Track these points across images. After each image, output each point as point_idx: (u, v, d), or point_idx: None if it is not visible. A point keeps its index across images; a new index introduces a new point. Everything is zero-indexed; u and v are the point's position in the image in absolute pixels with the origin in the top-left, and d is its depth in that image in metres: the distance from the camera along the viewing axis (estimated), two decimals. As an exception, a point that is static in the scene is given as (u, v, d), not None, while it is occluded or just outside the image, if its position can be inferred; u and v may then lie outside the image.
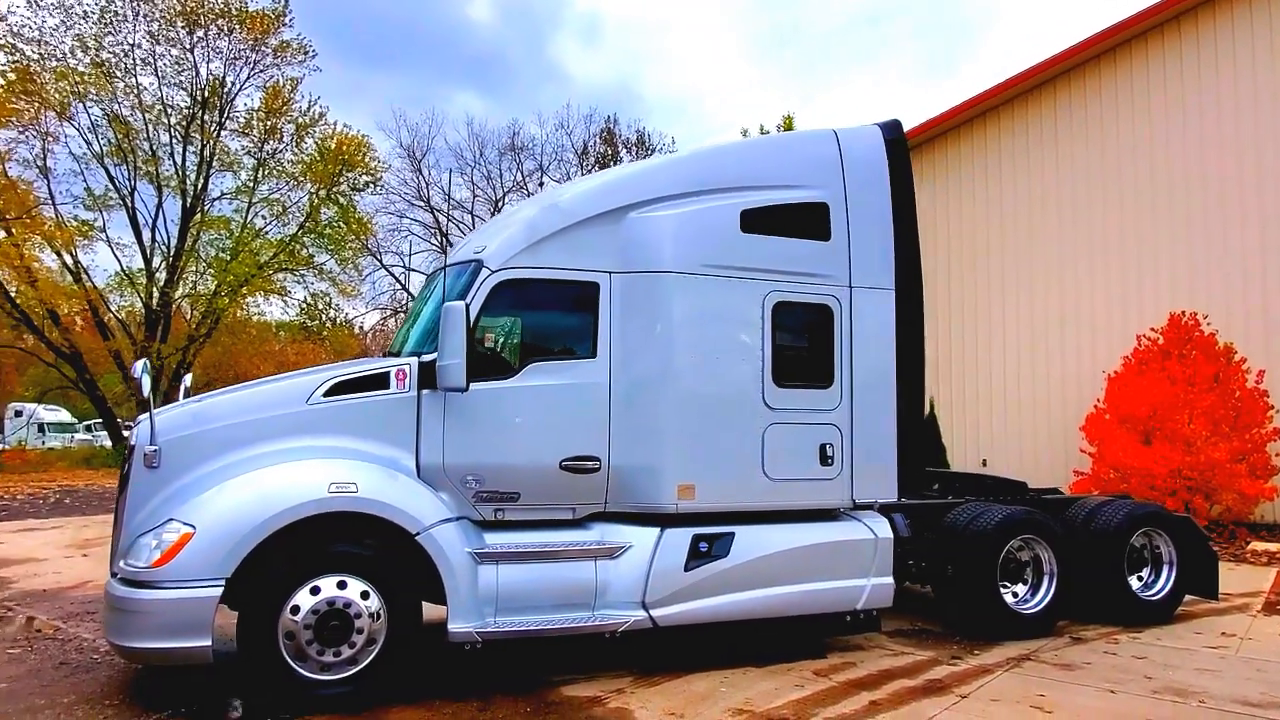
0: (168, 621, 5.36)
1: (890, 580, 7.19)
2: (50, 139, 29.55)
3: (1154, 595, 8.31)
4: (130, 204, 31.19)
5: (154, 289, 31.80)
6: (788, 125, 17.14)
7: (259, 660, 5.52)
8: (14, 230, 27.52)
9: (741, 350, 6.81)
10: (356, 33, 61.46)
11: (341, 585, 5.71)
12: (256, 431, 5.98)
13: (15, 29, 28.28)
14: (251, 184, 33.31)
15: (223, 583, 5.42)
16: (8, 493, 21.42)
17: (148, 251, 31.83)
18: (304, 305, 37.30)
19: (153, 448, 5.81)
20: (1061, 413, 14.65)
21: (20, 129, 28.52)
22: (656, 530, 6.51)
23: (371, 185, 35.02)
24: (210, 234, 33.03)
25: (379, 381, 6.19)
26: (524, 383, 6.38)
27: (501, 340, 6.70)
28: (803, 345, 7.08)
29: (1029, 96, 15.44)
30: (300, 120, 33.31)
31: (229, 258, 32.29)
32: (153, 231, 31.85)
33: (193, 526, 5.48)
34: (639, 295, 6.62)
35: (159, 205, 31.76)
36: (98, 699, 5.83)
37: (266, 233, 33.93)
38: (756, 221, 6.96)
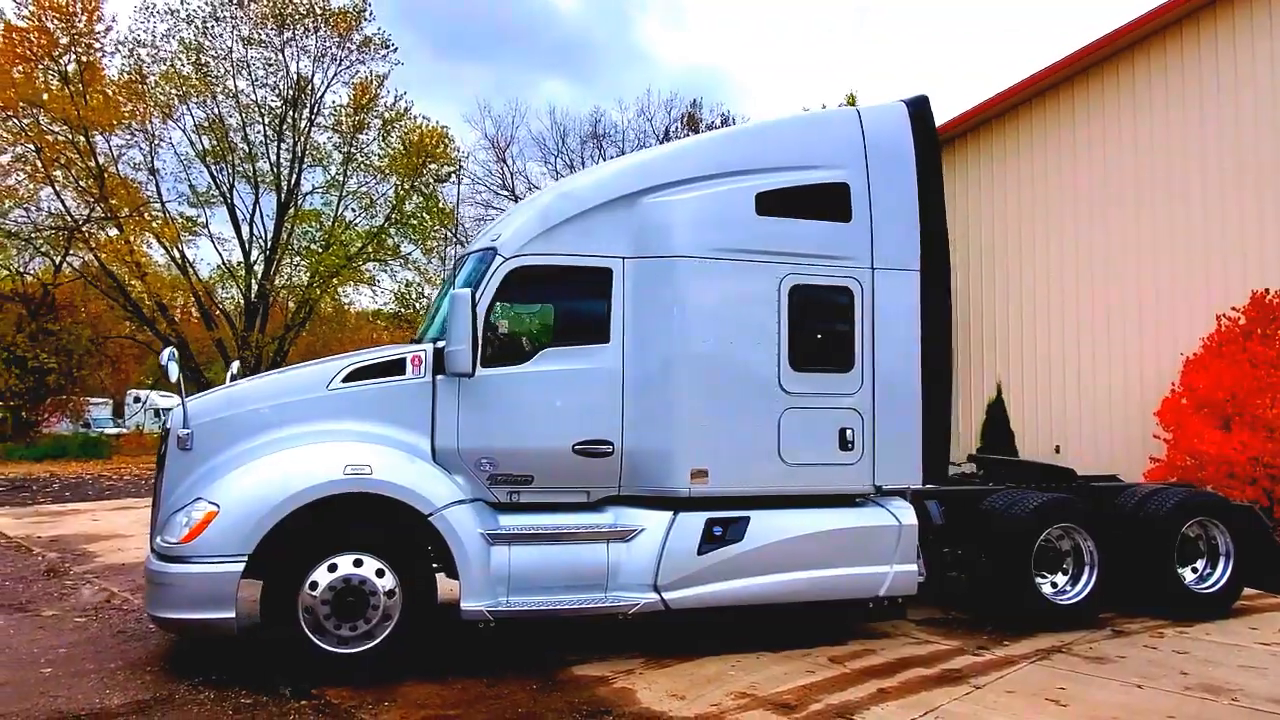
0: (195, 594, 5.71)
1: (914, 568, 7.05)
2: (157, 141, 31.28)
3: (1208, 588, 7.91)
4: (230, 200, 32.75)
5: (252, 281, 33.33)
6: (850, 103, 16.75)
7: (280, 632, 5.82)
8: (125, 227, 29.29)
9: (756, 334, 6.76)
10: (446, 24, 62.55)
11: (358, 563, 5.95)
12: (281, 416, 6.27)
13: (129, 33, 30.00)
14: (341, 178, 34.50)
15: (245, 558, 5.73)
16: (117, 474, 22.90)
17: (246, 245, 33.37)
18: (396, 294, 38.44)
19: (185, 431, 6.17)
20: (1140, 397, 13.95)
21: (130, 133, 30.27)
22: (669, 514, 6.55)
23: (452, 176, 35.78)
24: (303, 227, 34.39)
25: (395, 367, 6.41)
26: (537, 368, 6.50)
27: (515, 326, 6.84)
28: (821, 328, 6.98)
29: (1104, 66, 14.67)
30: (386, 114, 34.31)
31: (321, 249, 33.58)
32: (250, 226, 33.37)
33: (217, 505, 5.80)
34: (651, 280, 6.65)
35: (256, 201, 33.26)
36: (139, 665, 6.24)
37: (355, 225, 35.12)
38: (772, 204, 6.89)
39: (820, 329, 6.97)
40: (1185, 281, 13.52)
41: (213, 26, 30.46)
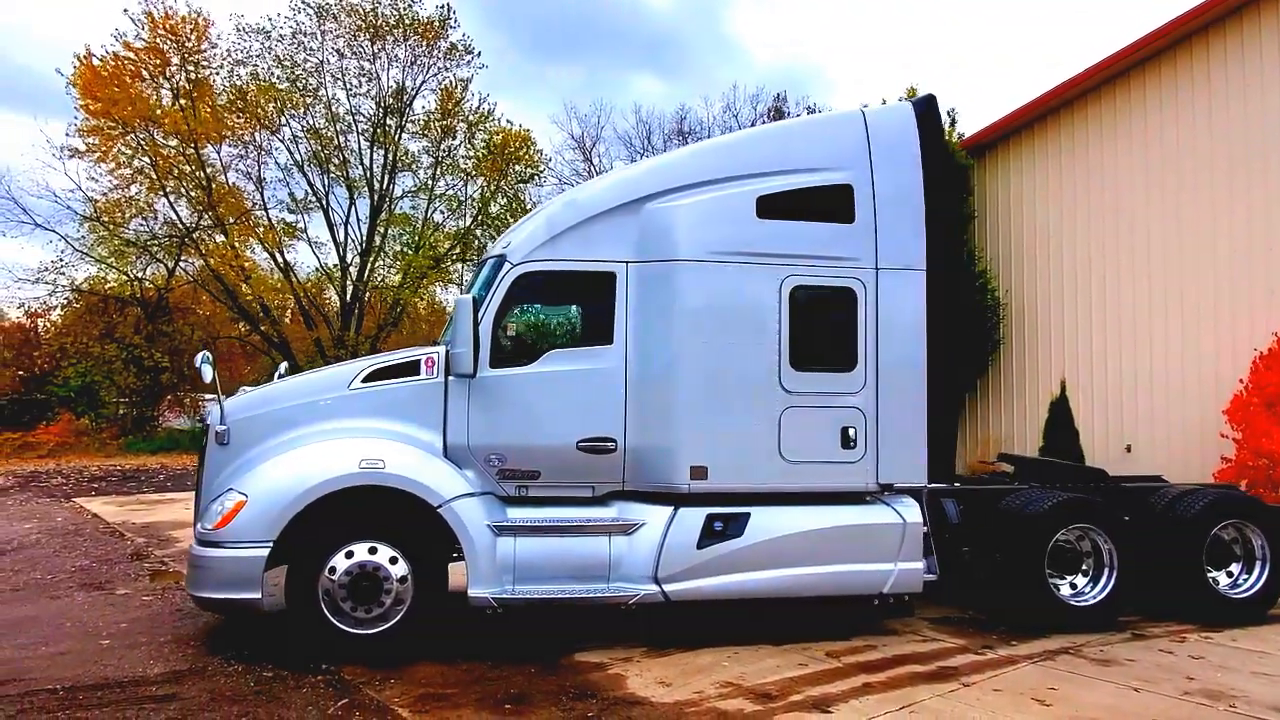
0: (225, 576, 6.26)
1: (919, 566, 7.09)
2: (262, 152, 33.07)
3: (1242, 593, 7.67)
4: (326, 206, 34.32)
5: (348, 282, 34.87)
6: (910, 95, 16.45)
7: (302, 613, 6.32)
8: (230, 233, 31.13)
9: (756, 334, 6.92)
10: (535, 25, 63.48)
11: (373, 551, 6.41)
12: (307, 413, 6.79)
13: (227, 52, 31.79)
14: (430, 181, 35.73)
15: (270, 544, 6.25)
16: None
17: (341, 249, 34.89)
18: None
19: (222, 427, 6.75)
20: (1214, 394, 13.37)
21: (239, 145, 32.11)
22: (670, 509, 6.79)
23: (535, 177, 36.57)
24: (395, 230, 35.77)
25: (410, 369, 6.85)
26: (543, 368, 6.83)
27: (523, 328, 7.17)
28: (823, 328, 7.08)
29: (1176, 50, 14.06)
30: (471, 118, 35.34)
31: (411, 251, 34.87)
32: (345, 230, 34.86)
33: (246, 495, 6.35)
34: (653, 283, 6.90)
35: (350, 205, 34.74)
36: (185, 640, 6.87)
37: (444, 226, 36.32)
38: (774, 207, 7.03)
39: (822, 329, 7.08)
40: (1261, 272, 12.90)
41: (305, 41, 31.94)
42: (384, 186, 34.88)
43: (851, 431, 7.04)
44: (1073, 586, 7.52)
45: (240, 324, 34.80)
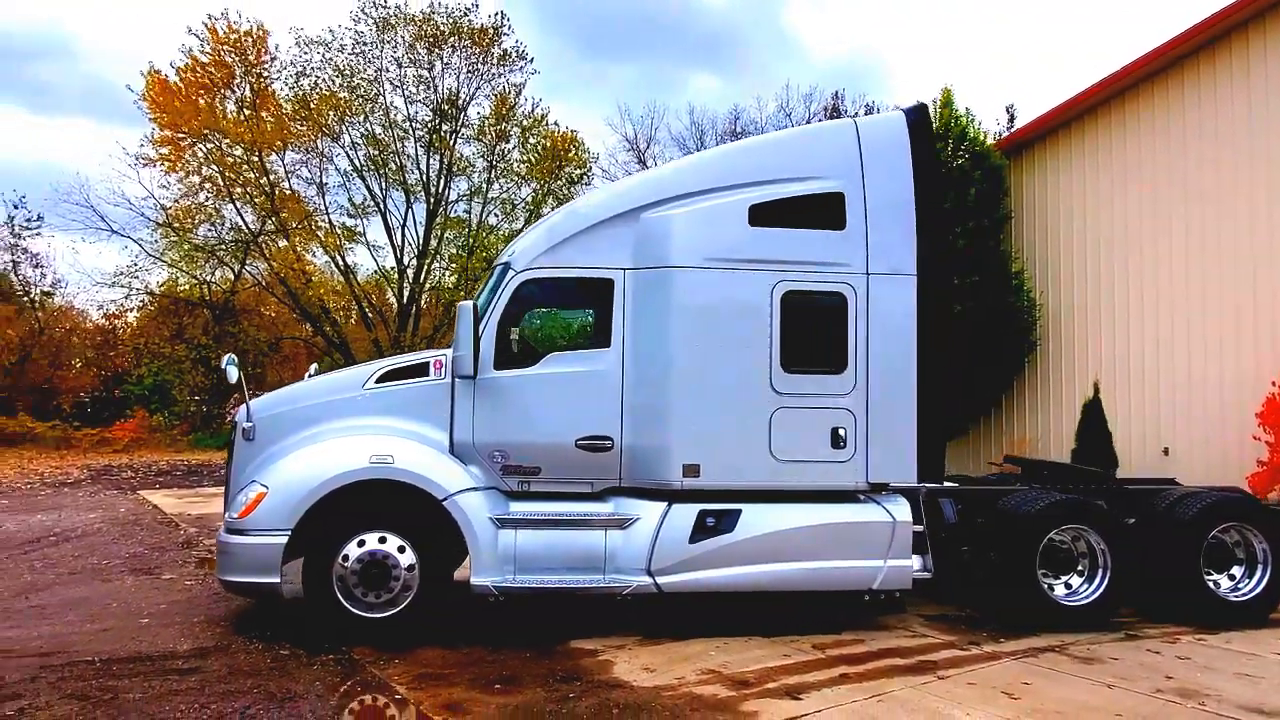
0: (247, 561, 6.78)
1: (909, 563, 7.28)
2: (324, 158, 34.26)
3: (1243, 596, 7.66)
4: (384, 210, 35.38)
5: (404, 285, 35.89)
6: (945, 98, 16.46)
7: (317, 598, 6.81)
8: (293, 238, 32.36)
9: (747, 338, 7.19)
10: (592, 25, 64.00)
11: (382, 540, 6.87)
12: (326, 411, 7.29)
13: (291, 63, 33.01)
14: (484, 185, 36.55)
15: (288, 533, 6.74)
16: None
17: (399, 252, 35.94)
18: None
19: (249, 424, 7.29)
20: (1252, 397, 13.12)
21: (302, 152, 33.34)
22: (664, 505, 7.10)
23: (584, 178, 37.10)
24: (450, 233, 36.68)
25: (420, 370, 7.30)
26: (544, 370, 7.21)
27: (525, 332, 7.55)
28: (814, 332, 7.30)
29: (1216, 47, 13.81)
30: (524, 123, 36.06)
31: (465, 254, 35.72)
32: (402, 233, 35.90)
33: (267, 487, 6.86)
34: (649, 289, 7.22)
35: (407, 210, 35.76)
36: (216, 620, 7.44)
37: (498, 229, 37.08)
38: (766, 215, 7.29)
39: (812, 332, 7.31)
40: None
41: (365, 51, 32.97)
42: (439, 191, 35.80)
43: (841, 432, 7.27)
44: (1068, 586, 7.61)
45: (304, 325, 36.10)
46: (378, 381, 7.31)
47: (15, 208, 33.68)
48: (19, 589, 8.59)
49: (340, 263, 34.97)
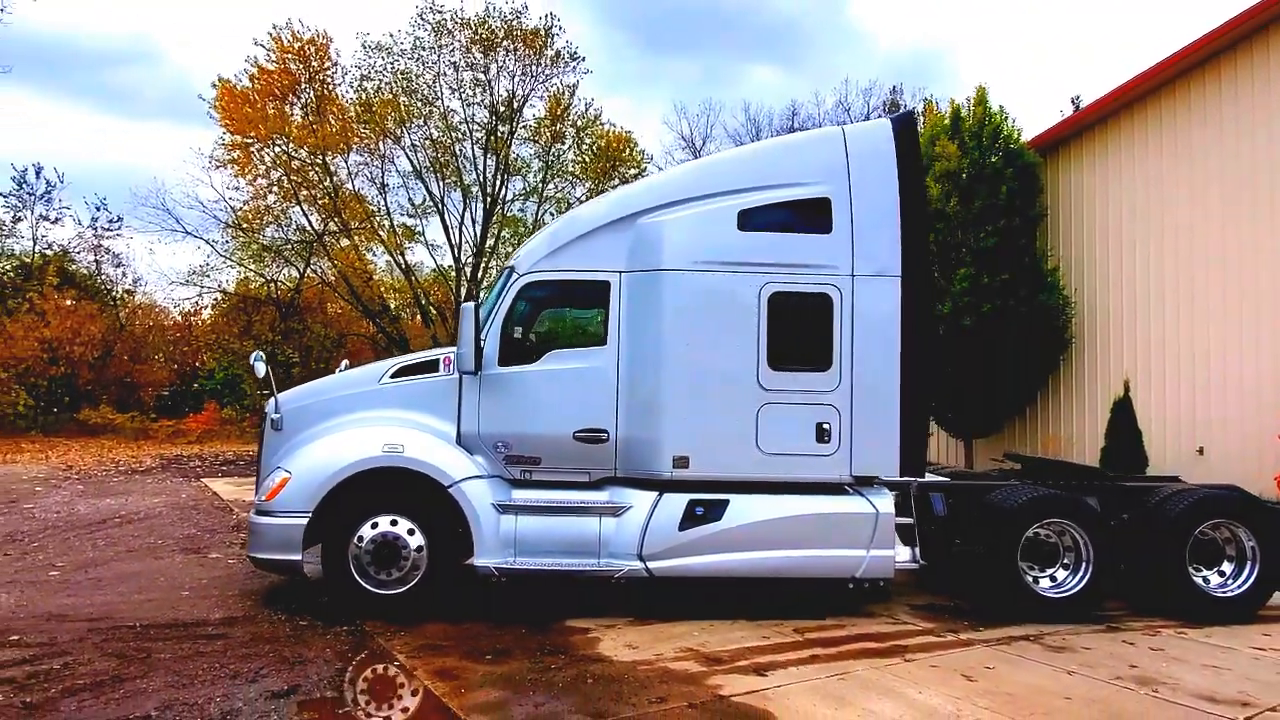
0: (273, 540, 7.43)
1: (891, 553, 7.58)
2: (385, 160, 35.46)
3: (1229, 592, 7.75)
4: (442, 210, 36.43)
5: (462, 282, 36.88)
6: (979, 96, 16.46)
7: (335, 575, 7.42)
8: (355, 237, 33.61)
9: (735, 336, 7.58)
10: (653, 20, 64.25)
11: (394, 523, 7.45)
12: (346, 404, 7.90)
13: (355, 67, 34.23)
14: (540, 185, 37.33)
15: (309, 514, 7.36)
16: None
17: (457, 250, 36.92)
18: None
19: (277, 415, 7.95)
20: (1289, 396, 12.96)
21: (365, 154, 34.57)
22: (655, 494, 7.54)
23: (639, 176, 37.56)
24: (506, 232, 37.56)
25: (431, 366, 7.86)
26: (545, 366, 7.71)
27: (527, 331, 8.03)
28: (800, 331, 7.64)
29: (1253, 40, 13.60)
30: (578, 123, 36.73)
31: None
32: (460, 232, 36.89)
33: (290, 472, 7.50)
34: (643, 290, 7.65)
35: (465, 209, 36.73)
36: (248, 594, 8.13)
37: (553, 229, 37.78)
38: (755, 219, 7.66)
39: (798, 332, 7.65)
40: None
41: (423, 56, 34.01)
42: (496, 190, 36.68)
43: (826, 427, 7.60)
44: (1053, 579, 7.81)
45: (366, 322, 37.40)
46: (392, 377, 7.90)
47: (98, 210, 35.68)
48: (81, 563, 9.45)
49: (401, 261, 36.17)
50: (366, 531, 7.42)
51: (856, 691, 5.82)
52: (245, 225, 32.68)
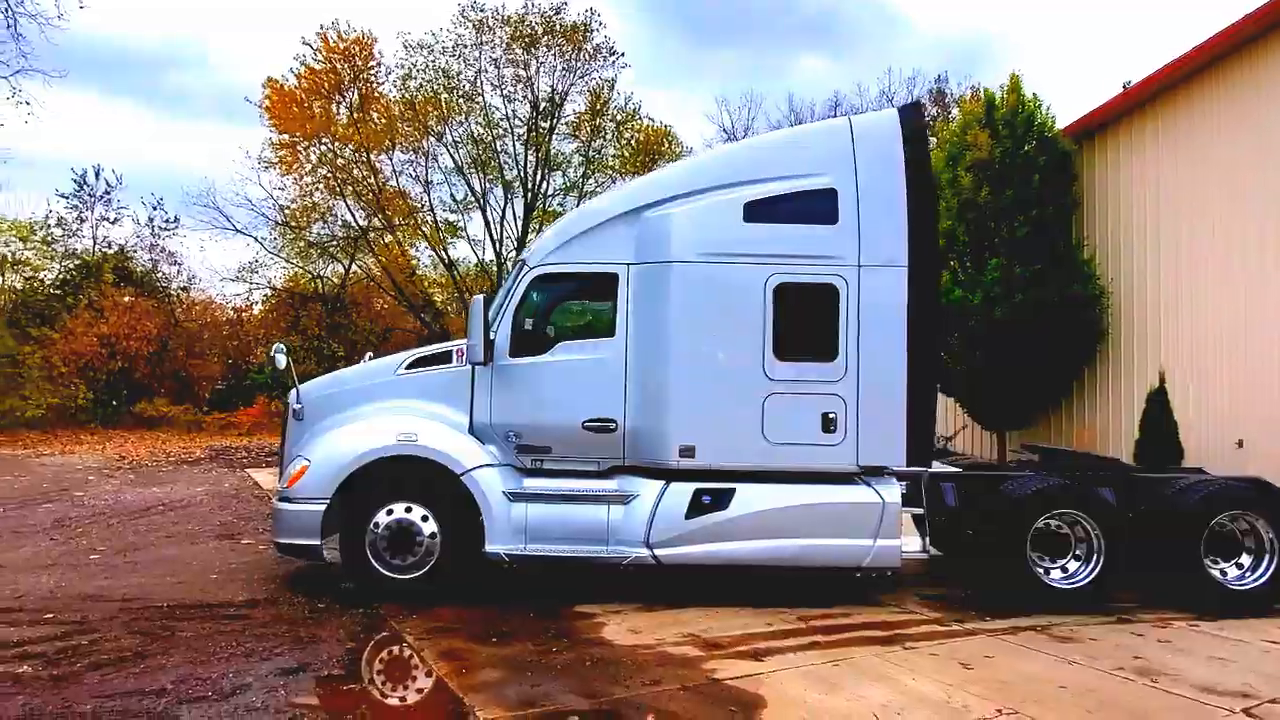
0: (293, 525, 7.70)
1: (898, 543, 7.59)
2: (429, 157, 36.00)
3: (1246, 584, 7.63)
4: (484, 205, 36.87)
5: (503, 277, 37.31)
6: (1013, 84, 16.20)
7: (353, 560, 7.67)
8: (399, 233, 34.21)
9: (741, 327, 7.64)
10: (696, 10, 63.89)
11: (408, 510, 7.67)
12: (364, 395, 8.15)
13: (397, 65, 34.78)
14: (580, 179, 37.57)
15: (326, 500, 7.63)
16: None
17: (498, 245, 37.33)
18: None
19: (298, 405, 8.23)
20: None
21: (409, 151, 35.16)
22: (662, 483, 7.65)
23: (678, 172, 37.54)
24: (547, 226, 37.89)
25: (445, 357, 8.07)
26: (554, 358, 7.86)
27: (537, 322, 8.17)
28: (805, 322, 7.68)
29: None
30: (617, 117, 36.90)
31: (562, 248, 36.81)
32: (500, 228, 37.30)
33: (309, 460, 7.77)
34: (650, 282, 7.76)
35: (506, 204, 37.12)
36: (272, 578, 8.44)
37: (593, 223, 38.00)
38: (760, 211, 7.71)
39: (804, 322, 7.69)
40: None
41: (464, 53, 34.44)
42: (537, 185, 37.02)
43: (832, 416, 7.64)
44: (1064, 570, 7.76)
45: (411, 317, 38.04)
46: (407, 368, 8.13)
47: (154, 209, 36.75)
48: (121, 548, 9.86)
49: (444, 257, 36.69)
50: (382, 518, 7.65)
51: (850, 677, 5.89)
52: (292, 222, 33.43)
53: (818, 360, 7.68)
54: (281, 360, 8.14)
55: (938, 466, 8.36)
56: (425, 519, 7.67)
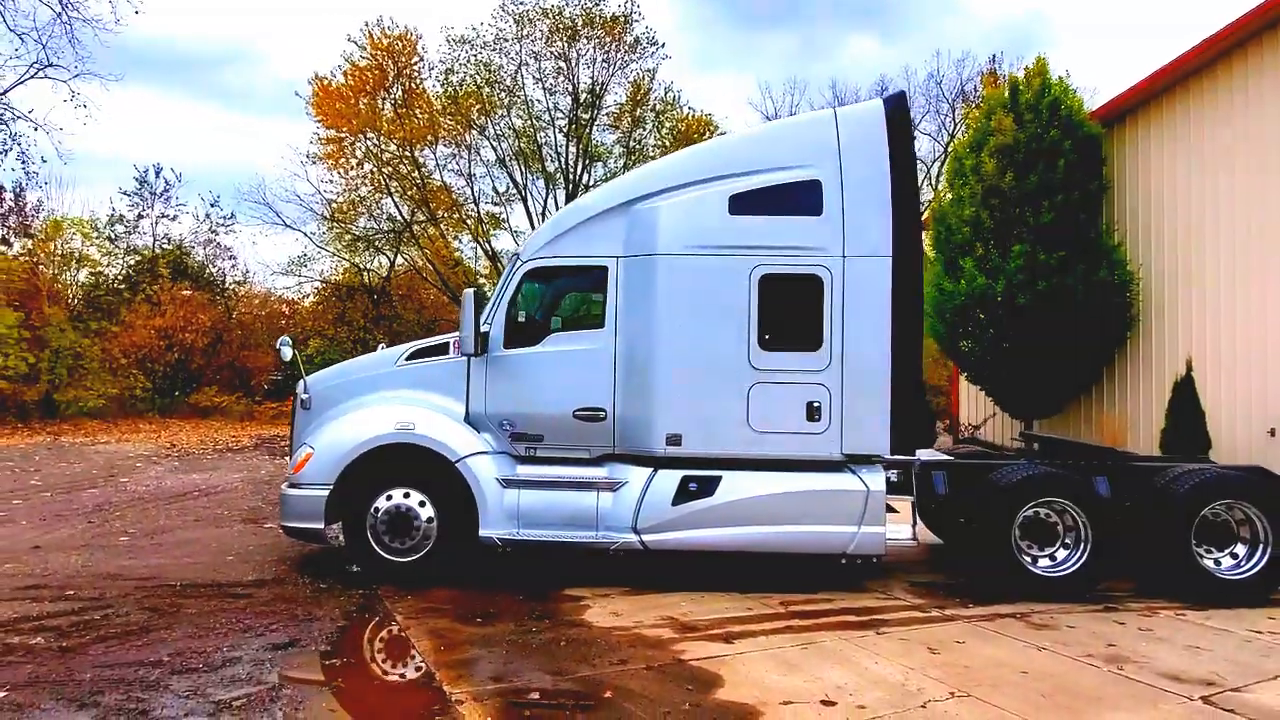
0: (299, 509, 8.08)
1: (882, 530, 7.67)
2: (471, 150, 36.55)
3: (1240, 575, 7.54)
4: (525, 197, 37.34)
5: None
6: (1039, 67, 15.90)
7: (355, 543, 8.01)
8: (443, 225, 34.86)
9: (726, 318, 7.78)
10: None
11: (406, 495, 7.99)
12: (366, 385, 8.49)
13: (440, 61, 35.39)
14: (621, 170, 37.75)
15: (330, 486, 7.97)
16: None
17: (539, 236, 37.71)
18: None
19: (306, 395, 8.60)
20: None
21: (452, 145, 35.74)
22: (649, 470, 7.84)
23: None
24: (588, 218, 38.15)
25: (442, 349, 8.35)
26: (546, 349, 8.10)
27: (530, 315, 8.41)
28: (790, 312, 7.78)
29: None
30: (657, 106, 37.02)
31: (602, 238, 37.09)
32: (542, 219, 37.65)
33: (313, 448, 8.13)
34: (638, 274, 7.94)
35: (547, 196, 37.52)
36: (284, 560, 8.84)
37: (633, 213, 38.19)
38: (745, 204, 7.83)
39: (789, 313, 7.79)
40: None
41: (505, 47, 34.86)
42: (578, 177, 37.34)
43: (816, 405, 7.74)
44: (1052, 559, 7.76)
45: (455, 308, 38.72)
46: (407, 359, 8.44)
47: (211, 206, 37.99)
48: (151, 530, 10.40)
49: (488, 248, 37.26)
50: (382, 503, 7.98)
51: (814, 660, 6.02)
52: (339, 217, 34.26)
53: (802, 350, 7.78)
54: (287, 352, 8.51)
55: (927, 454, 8.41)
56: (423, 504, 7.98)
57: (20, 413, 27.21)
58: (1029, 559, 7.73)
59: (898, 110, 7.87)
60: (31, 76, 27.36)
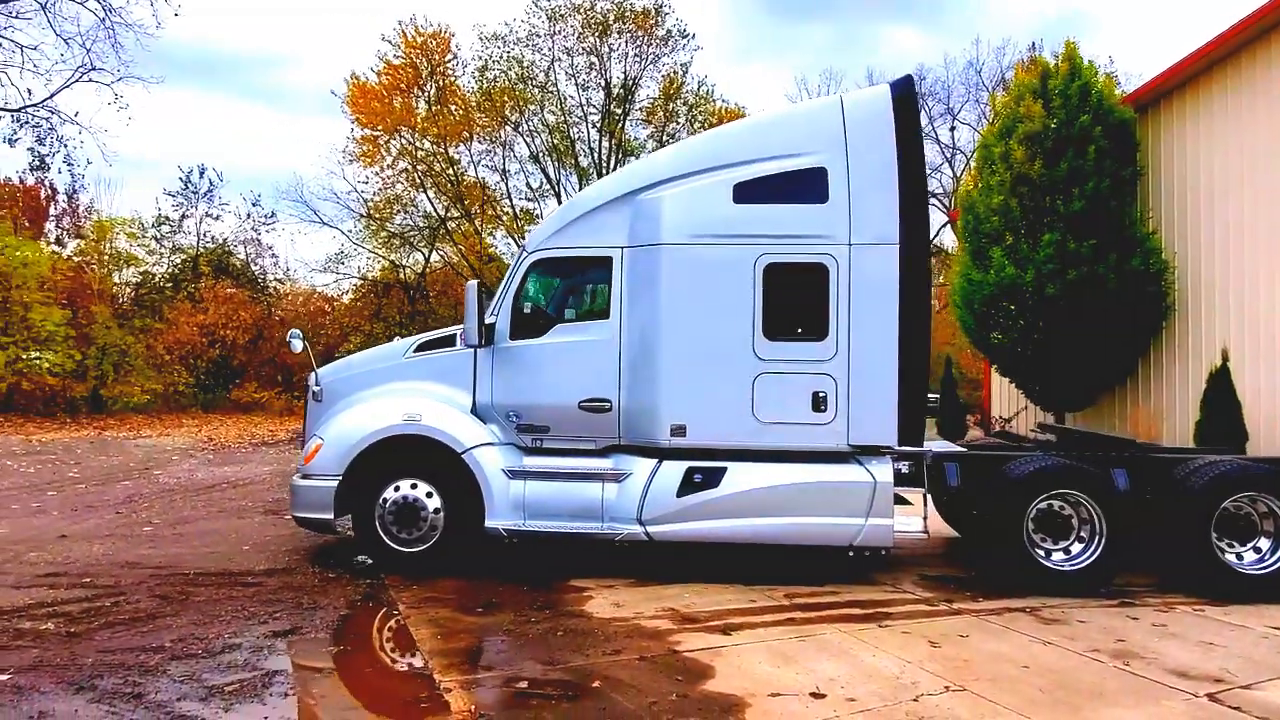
0: (309, 500, 8.18)
1: (889, 522, 7.55)
2: (505, 147, 36.75)
3: (1261, 569, 7.30)
4: (558, 192, 37.42)
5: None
6: (1068, 52, 15.54)
7: (365, 533, 8.10)
8: (477, 221, 35.11)
9: (731, 308, 7.70)
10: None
11: (413, 486, 8.05)
12: (376, 377, 8.55)
13: (472, 59, 35.60)
14: (653, 165, 37.70)
15: (339, 477, 8.06)
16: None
17: (572, 231, 37.80)
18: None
19: (317, 388, 8.69)
20: None
21: (486, 141, 35.99)
22: (654, 461, 7.81)
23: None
24: (621, 213, 38.15)
25: (449, 341, 8.39)
26: (552, 339, 8.09)
27: (536, 305, 8.39)
28: (795, 301, 7.68)
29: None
30: (690, 100, 36.89)
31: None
32: (576, 214, 37.74)
33: (323, 439, 8.22)
34: (642, 264, 7.90)
35: (580, 190, 37.59)
36: (298, 550, 8.95)
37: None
38: (750, 192, 7.75)
39: (794, 302, 7.69)
40: None
41: (538, 43, 34.99)
42: (611, 171, 37.37)
43: (822, 395, 7.63)
44: (1066, 553, 7.58)
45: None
46: (415, 351, 8.50)
47: (253, 205, 38.73)
48: (175, 521, 10.61)
49: (522, 245, 37.43)
50: (390, 494, 8.05)
51: (810, 652, 5.95)
52: (375, 214, 34.67)
53: (808, 339, 7.68)
54: (297, 345, 8.62)
55: (940, 446, 8.26)
56: (430, 495, 8.03)
57: (69, 408, 27.95)
58: (1042, 553, 7.56)
59: (905, 95, 7.72)
60: (76, 80, 28.15)
